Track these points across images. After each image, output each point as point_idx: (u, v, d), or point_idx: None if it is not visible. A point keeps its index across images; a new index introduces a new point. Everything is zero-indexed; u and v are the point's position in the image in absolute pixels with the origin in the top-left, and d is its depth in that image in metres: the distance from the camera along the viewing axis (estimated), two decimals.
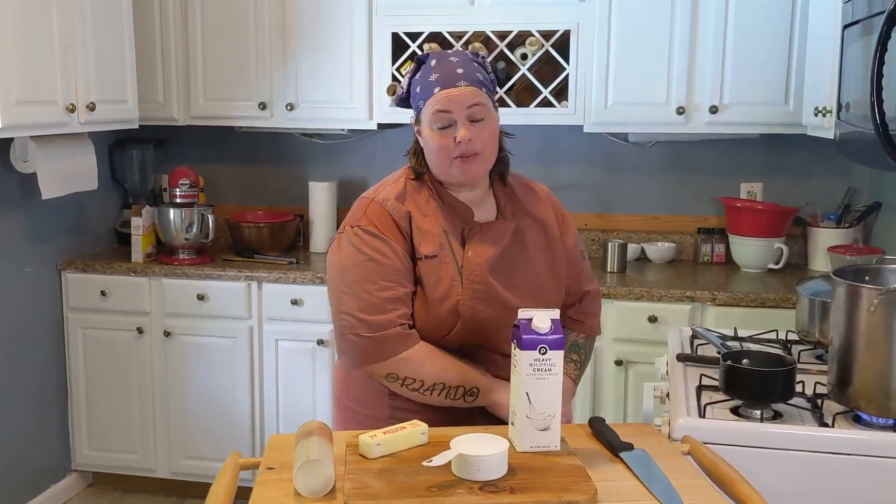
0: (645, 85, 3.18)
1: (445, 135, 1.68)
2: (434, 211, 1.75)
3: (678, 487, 1.38)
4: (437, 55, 1.72)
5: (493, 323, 1.72)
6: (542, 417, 1.48)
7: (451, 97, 1.66)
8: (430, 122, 1.68)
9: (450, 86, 1.66)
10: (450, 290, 1.70)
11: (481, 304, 1.71)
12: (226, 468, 1.49)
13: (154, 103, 3.54)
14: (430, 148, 1.71)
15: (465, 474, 1.37)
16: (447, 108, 1.66)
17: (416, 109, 1.72)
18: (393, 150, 3.75)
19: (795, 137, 3.26)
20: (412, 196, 1.76)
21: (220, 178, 3.89)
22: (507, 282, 1.74)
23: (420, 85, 1.70)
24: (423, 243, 1.72)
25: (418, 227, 1.73)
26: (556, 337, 1.47)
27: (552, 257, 1.82)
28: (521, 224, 1.80)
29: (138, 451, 3.46)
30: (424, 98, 1.68)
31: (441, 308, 1.71)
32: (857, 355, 1.72)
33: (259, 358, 3.33)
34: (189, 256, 3.43)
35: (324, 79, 3.42)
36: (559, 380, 1.48)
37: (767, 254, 3.30)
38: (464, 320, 1.70)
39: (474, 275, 1.71)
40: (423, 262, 1.72)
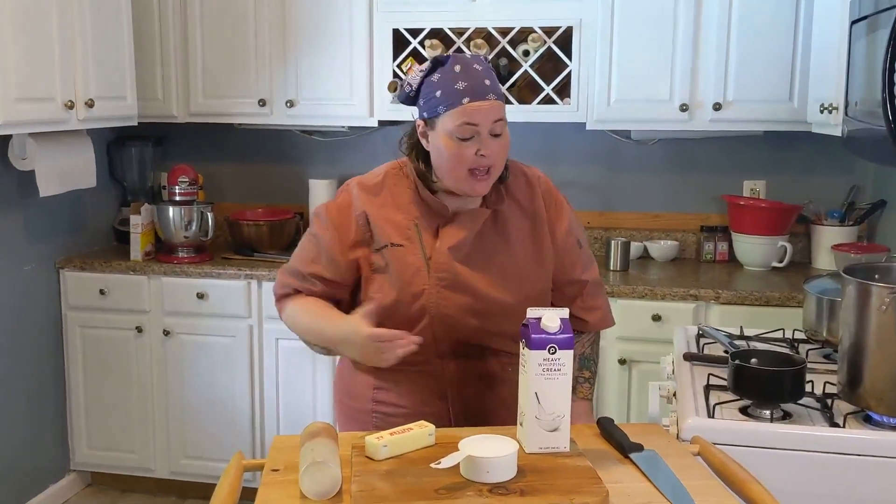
0: (648, 82, 3.16)
1: (466, 146, 1.65)
2: (408, 204, 1.74)
3: (689, 489, 1.36)
4: (460, 60, 1.67)
5: (464, 312, 1.69)
6: (551, 418, 1.46)
7: (482, 110, 1.63)
8: (451, 131, 1.64)
9: (480, 98, 1.64)
10: (415, 280, 1.69)
11: (448, 292, 1.69)
12: (229, 470, 1.46)
13: (153, 100, 3.51)
14: (444, 156, 1.67)
15: (473, 476, 1.34)
16: (475, 121, 1.63)
17: (432, 113, 1.66)
18: (394, 147, 3.66)
19: (799, 135, 3.24)
20: (389, 188, 1.76)
21: (219, 176, 3.86)
22: (480, 269, 1.71)
23: (440, 89, 1.65)
24: (389, 234, 1.72)
25: (386, 219, 1.73)
26: (566, 336, 1.45)
27: (537, 245, 1.78)
28: (504, 210, 1.76)
29: (137, 451, 3.44)
30: (448, 105, 1.64)
31: (406, 299, 1.70)
32: (868, 354, 1.71)
33: (259, 357, 3.31)
34: (188, 255, 3.40)
35: (324, 75, 3.40)
36: (569, 379, 1.46)
37: (771, 252, 3.28)
38: (429, 310, 1.69)
39: (439, 263, 1.70)
40: (389, 250, 1.71)
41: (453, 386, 1.75)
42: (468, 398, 1.76)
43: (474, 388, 1.75)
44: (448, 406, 1.75)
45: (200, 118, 3.55)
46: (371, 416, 1.80)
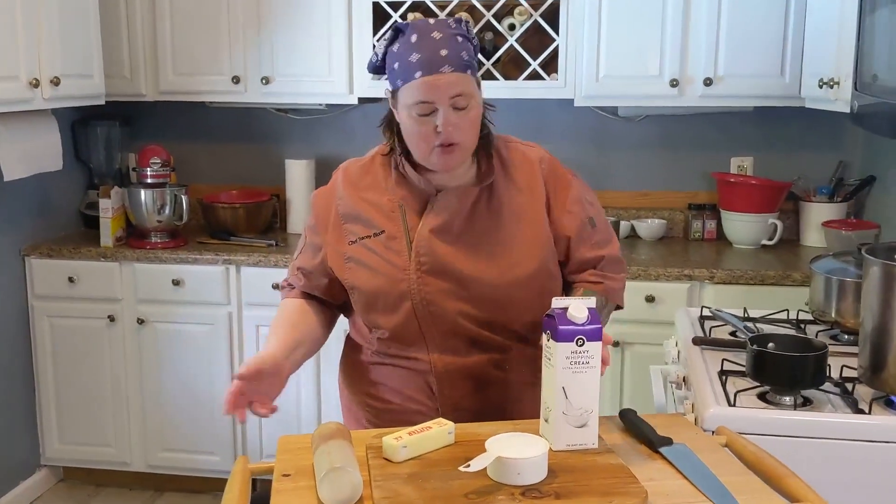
0: (637, 57, 3.08)
1: (425, 122, 1.53)
2: (393, 185, 1.65)
3: (727, 485, 1.30)
4: (417, 27, 1.53)
5: (446, 297, 1.59)
6: (579, 413, 1.38)
7: (435, 85, 1.50)
8: (408, 107, 1.53)
9: (433, 71, 1.50)
10: (396, 265, 1.61)
11: (430, 277, 1.59)
12: (235, 476, 1.36)
13: (120, 78, 3.35)
14: (407, 132, 1.58)
15: (503, 479, 1.26)
16: (430, 98, 1.51)
17: (394, 86, 1.56)
18: (373, 125, 3.53)
19: (787, 110, 3.19)
20: (376, 170, 1.68)
21: (190, 157, 3.70)
22: (466, 251, 1.60)
23: (398, 61, 1.53)
24: (370, 221, 1.63)
25: (368, 203, 1.64)
26: (595, 327, 1.36)
27: (533, 225, 1.65)
28: (500, 188, 1.65)
29: (112, 445, 3.30)
30: (403, 80, 1.52)
31: (387, 284, 1.61)
32: (893, 337, 1.65)
33: (239, 345, 3.19)
34: (162, 240, 3.26)
35: (301, 51, 3.26)
36: (597, 373, 1.38)
37: (761, 229, 3.24)
38: (411, 295, 1.60)
39: (420, 246, 1.60)
40: (372, 239, 1.63)
41: (440, 383, 1.65)
42: (456, 398, 1.66)
43: (462, 388, 1.65)
44: (437, 406, 1.66)
45: (170, 96, 3.40)
46: (364, 410, 1.73)
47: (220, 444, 3.25)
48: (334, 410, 3.15)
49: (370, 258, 1.63)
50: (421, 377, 1.65)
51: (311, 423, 3.19)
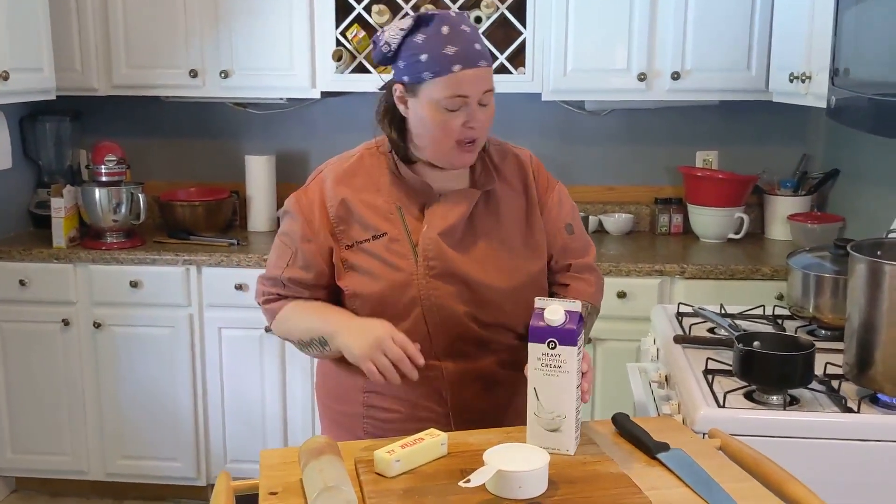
0: (605, 50, 3.05)
1: (453, 116, 1.50)
2: (388, 185, 1.59)
3: (729, 492, 1.27)
4: (447, 20, 1.49)
5: (455, 301, 1.56)
6: (550, 417, 1.35)
7: (473, 80, 1.48)
8: (438, 101, 1.48)
9: (472, 66, 1.48)
10: (402, 269, 1.55)
11: (438, 282, 1.55)
12: (218, 495, 1.29)
13: (70, 71, 3.20)
14: (428, 127, 1.52)
15: (503, 493, 1.21)
16: (466, 92, 1.48)
17: (416, 79, 1.50)
18: (335, 119, 3.52)
19: (751, 104, 3.20)
20: (367, 171, 1.60)
21: (144, 153, 3.57)
22: (471, 255, 1.58)
23: (427, 53, 1.47)
24: (369, 223, 1.57)
25: (365, 205, 1.57)
26: (569, 329, 1.32)
27: (530, 227, 1.65)
28: (496, 191, 1.63)
29: (68, 453, 3.17)
30: (435, 72, 1.47)
31: (394, 290, 1.55)
32: (880, 335, 1.64)
33: (200, 348, 3.08)
34: (118, 240, 3.13)
35: (262, 43, 3.16)
36: (572, 378, 1.33)
37: (727, 223, 3.24)
38: (421, 301, 1.54)
39: (428, 250, 1.55)
40: (372, 242, 1.56)
41: (452, 388, 1.60)
42: (466, 400, 1.61)
43: (472, 390, 1.61)
44: (447, 410, 1.60)
45: (124, 90, 3.27)
46: (362, 422, 1.64)
47: (183, 449, 3.14)
48: (300, 414, 3.09)
49: (372, 263, 1.56)
50: (430, 383, 1.58)
51: (276, 428, 3.10)
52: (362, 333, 1.47)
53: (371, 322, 1.49)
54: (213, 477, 3.18)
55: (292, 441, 3.11)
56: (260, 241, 3.25)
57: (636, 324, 2.75)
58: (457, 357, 1.59)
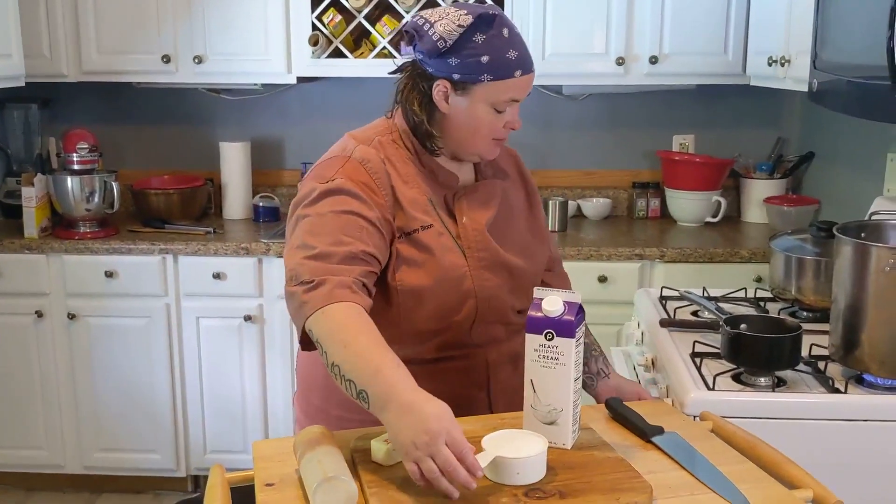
0: (583, 35, 3.05)
1: (501, 117, 1.51)
2: (414, 177, 1.54)
3: (726, 475, 1.27)
4: (506, 21, 1.47)
5: (502, 290, 1.57)
6: (546, 410, 1.33)
7: (528, 85, 1.51)
8: (492, 102, 1.48)
9: (529, 71, 1.49)
10: (454, 263, 1.52)
11: (488, 273, 1.55)
12: (213, 488, 1.26)
13: (39, 57, 3.12)
14: (472, 123, 1.50)
15: (501, 479, 1.21)
16: (522, 96, 1.51)
17: (471, 79, 1.45)
18: (310, 105, 3.48)
19: (727, 88, 3.22)
20: (390, 160, 1.52)
21: (116, 141, 3.51)
22: (503, 244, 1.59)
23: (489, 55, 1.44)
24: (413, 213, 1.51)
25: (403, 194, 1.51)
26: (567, 321, 1.30)
27: (534, 215, 1.71)
28: (505, 183, 1.66)
29: (44, 447, 3.12)
30: (498, 76, 1.45)
31: (451, 284, 1.51)
32: (867, 316, 1.66)
33: (178, 338, 3.04)
34: (91, 229, 3.08)
35: (236, 28, 3.11)
36: (569, 370, 1.31)
37: (705, 207, 3.27)
38: (476, 293, 1.53)
39: (476, 242, 1.55)
40: (422, 233, 1.51)
41: (493, 372, 1.60)
42: (502, 381, 1.61)
43: (506, 371, 1.62)
44: (487, 395, 1.60)
45: (94, 77, 3.20)
46: None
47: (161, 441, 3.10)
48: (280, 403, 3.06)
49: (425, 256, 1.50)
50: (472, 372, 1.57)
51: (256, 417, 3.08)
52: (414, 421, 1.17)
53: (429, 408, 1.18)
54: (193, 468, 3.15)
55: (273, 431, 3.09)
56: (236, 229, 3.22)
57: (618, 308, 2.76)
58: (492, 343, 1.59)
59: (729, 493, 1.22)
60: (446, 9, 1.48)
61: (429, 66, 1.48)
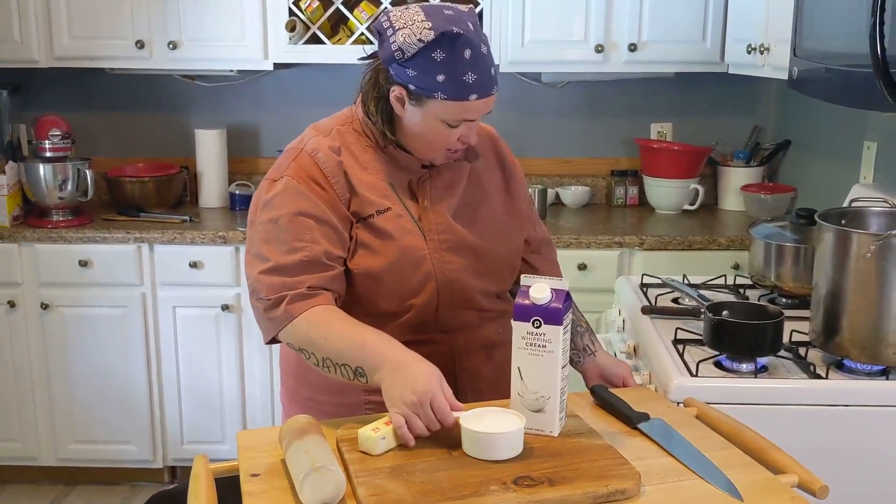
0: (563, 22, 3.04)
1: (453, 132, 1.49)
2: (374, 163, 1.54)
3: (712, 460, 1.28)
4: (470, 43, 1.41)
5: (466, 273, 1.56)
6: (534, 398, 1.33)
7: (484, 107, 1.47)
8: (444, 119, 1.46)
9: (488, 94, 1.45)
10: (412, 245, 1.52)
11: (451, 255, 1.54)
12: (197, 478, 1.25)
13: (9, 42, 3.06)
14: (426, 135, 1.49)
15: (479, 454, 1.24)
16: (475, 117, 1.48)
17: (425, 94, 1.43)
18: (287, 92, 3.45)
19: (704, 76, 3.22)
20: (348, 148, 1.54)
21: (88, 128, 3.45)
22: (470, 226, 1.58)
23: (445, 74, 1.40)
24: (369, 198, 1.52)
25: (359, 180, 1.52)
26: (554, 308, 1.30)
27: (511, 197, 1.67)
28: (476, 165, 1.63)
29: (17, 439, 3.07)
30: (452, 97, 1.42)
31: (409, 266, 1.52)
32: (847, 302, 1.68)
33: (154, 328, 3.00)
34: (65, 218, 3.03)
35: (211, 13, 3.06)
36: (557, 358, 1.31)
37: (683, 195, 3.28)
38: (436, 276, 1.53)
39: (437, 224, 1.54)
40: (378, 217, 1.51)
41: (459, 359, 1.59)
42: (472, 369, 1.61)
43: (476, 359, 1.61)
44: (455, 382, 1.57)
45: (66, 62, 3.14)
46: (364, 410, 1.56)
47: (137, 432, 3.07)
48: (258, 393, 3.04)
49: (380, 241, 1.50)
50: (437, 357, 1.53)
51: (234, 407, 3.05)
52: (404, 378, 1.30)
53: (418, 368, 1.32)
54: (170, 459, 3.12)
55: (251, 421, 3.06)
56: (213, 218, 3.18)
57: (597, 295, 2.77)
58: (462, 328, 1.58)
59: (715, 479, 1.22)
60: (414, 14, 1.42)
61: (389, 69, 1.46)
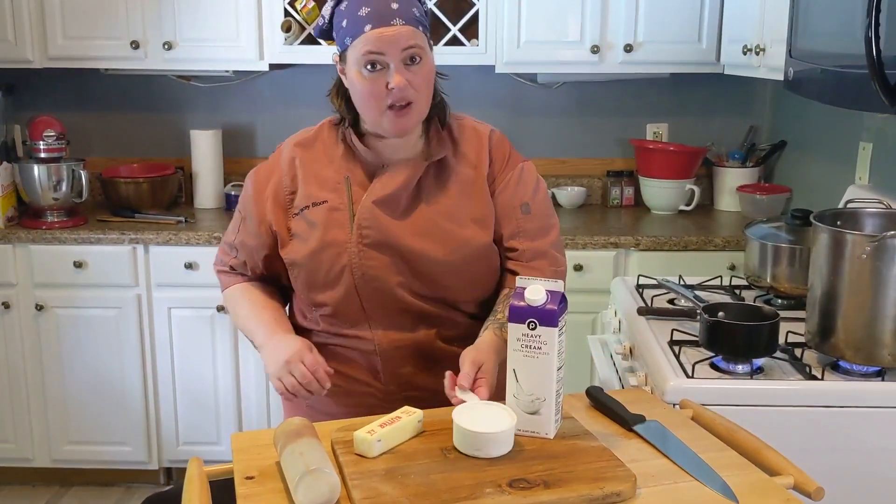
0: (558, 21, 3.03)
1: (376, 79, 1.46)
2: (340, 157, 1.59)
3: (708, 462, 1.28)
4: None
5: (389, 272, 1.54)
6: (529, 399, 1.33)
7: (385, 37, 1.44)
8: (357, 63, 1.46)
9: (383, 24, 1.44)
10: (335, 238, 1.54)
11: (372, 251, 1.53)
12: (191, 480, 1.24)
13: (4, 42, 3.05)
14: (358, 93, 1.50)
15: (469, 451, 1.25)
16: (379, 49, 1.44)
17: (341, 46, 1.49)
18: (283, 92, 3.44)
19: (699, 77, 3.22)
20: (323, 142, 1.62)
21: (83, 128, 3.44)
22: (410, 225, 1.55)
23: (346, 18, 1.46)
24: (312, 192, 1.57)
25: (314, 175, 1.58)
26: (550, 310, 1.30)
27: (479, 201, 1.59)
28: (448, 163, 1.59)
29: (11, 440, 3.06)
30: (352, 35, 1.45)
31: (325, 257, 1.54)
32: (843, 303, 1.67)
33: (150, 329, 3.00)
34: (59, 219, 3.02)
35: (206, 13, 3.05)
36: (552, 360, 1.31)
37: (678, 195, 3.28)
38: (352, 269, 1.53)
39: (363, 219, 1.54)
40: (311, 209, 1.56)
41: (386, 361, 1.58)
42: (403, 375, 1.60)
43: (413, 365, 1.59)
44: (383, 385, 1.59)
45: (61, 63, 3.13)
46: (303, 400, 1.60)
47: (132, 433, 3.06)
48: (254, 394, 3.04)
49: (309, 230, 1.56)
50: (365, 356, 1.58)
51: (229, 409, 3.05)
52: (276, 352, 1.51)
53: (286, 342, 1.53)
54: (166, 460, 3.11)
55: (247, 422, 3.06)
56: (208, 218, 3.17)
57: (593, 296, 2.77)
58: (391, 328, 1.58)
59: (711, 481, 1.22)
60: None
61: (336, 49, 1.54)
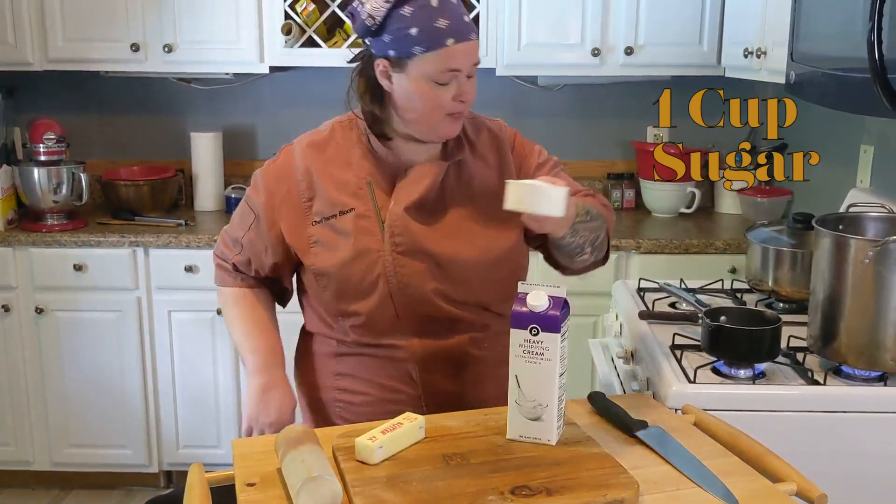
0: (559, 24, 3.03)
1: (445, 90, 1.45)
2: (359, 160, 1.55)
3: (710, 468, 1.27)
4: None
5: (424, 279, 1.52)
6: (531, 406, 1.32)
7: (466, 53, 1.44)
8: (430, 76, 1.44)
9: (464, 39, 1.43)
10: (368, 247, 1.51)
11: (406, 258, 1.51)
12: (192, 486, 1.24)
13: (3, 44, 3.05)
14: (416, 100, 1.46)
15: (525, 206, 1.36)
16: (459, 66, 1.44)
17: (405, 54, 1.43)
18: (283, 94, 3.44)
19: (700, 79, 3.21)
20: (337, 144, 1.57)
21: (83, 131, 3.43)
22: (440, 229, 1.54)
23: (416, 27, 1.41)
24: (335, 198, 1.53)
25: (332, 179, 1.54)
26: (552, 316, 1.29)
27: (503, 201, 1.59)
28: (468, 163, 1.58)
29: (11, 443, 3.06)
30: (428, 47, 1.42)
31: (359, 267, 1.51)
32: (845, 307, 1.67)
33: (150, 332, 2.99)
34: (59, 221, 3.01)
35: (206, 15, 3.05)
36: (555, 366, 1.30)
37: (679, 198, 3.27)
38: (387, 278, 1.51)
39: (394, 226, 1.52)
40: (339, 218, 1.53)
41: (421, 369, 1.57)
42: (438, 382, 1.58)
43: (443, 371, 1.58)
44: (418, 392, 1.57)
45: (61, 65, 3.12)
46: (335, 406, 1.60)
47: (132, 436, 3.06)
48: None
49: (339, 240, 1.52)
50: (399, 364, 1.55)
51: (230, 412, 3.04)
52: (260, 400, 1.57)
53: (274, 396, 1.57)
54: (166, 464, 3.11)
55: None
56: (208, 221, 3.17)
57: (594, 299, 2.76)
58: (426, 336, 1.56)
59: (713, 488, 1.22)
60: None
61: (370, 48, 1.48)
